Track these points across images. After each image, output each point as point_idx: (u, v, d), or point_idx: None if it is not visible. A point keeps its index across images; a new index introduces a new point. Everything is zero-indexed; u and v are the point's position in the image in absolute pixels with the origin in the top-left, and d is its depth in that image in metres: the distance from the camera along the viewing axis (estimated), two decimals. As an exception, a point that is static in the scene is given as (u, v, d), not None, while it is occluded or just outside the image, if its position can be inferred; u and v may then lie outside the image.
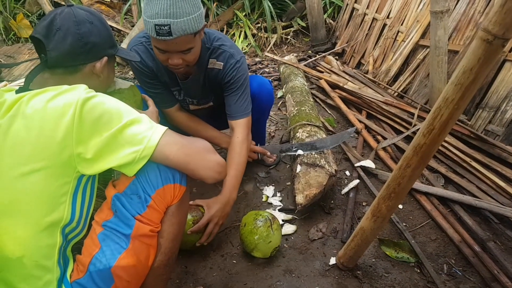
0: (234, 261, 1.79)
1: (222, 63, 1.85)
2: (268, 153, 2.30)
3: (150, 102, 1.61)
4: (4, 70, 2.82)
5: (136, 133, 1.04)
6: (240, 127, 1.92)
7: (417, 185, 2.15)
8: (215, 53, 1.84)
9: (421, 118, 2.75)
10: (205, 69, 1.87)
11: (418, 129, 1.89)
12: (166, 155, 1.08)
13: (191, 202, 1.72)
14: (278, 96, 3.59)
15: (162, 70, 1.86)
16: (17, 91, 1.05)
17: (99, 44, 1.21)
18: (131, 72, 4.08)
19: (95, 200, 1.17)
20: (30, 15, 4.89)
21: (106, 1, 5.15)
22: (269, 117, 3.20)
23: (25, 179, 0.99)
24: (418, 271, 1.71)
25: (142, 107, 1.62)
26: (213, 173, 1.16)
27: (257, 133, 2.38)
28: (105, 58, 1.24)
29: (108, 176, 1.29)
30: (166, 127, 1.10)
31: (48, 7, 4.77)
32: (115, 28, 4.88)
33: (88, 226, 1.18)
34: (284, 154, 2.32)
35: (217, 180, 1.18)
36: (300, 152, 2.21)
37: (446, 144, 2.50)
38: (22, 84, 1.13)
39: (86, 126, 1.00)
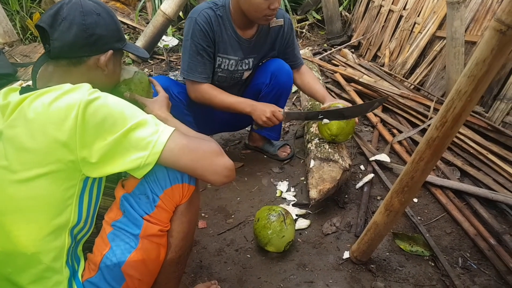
0: (248, 256, 1.80)
1: (282, 19, 2.11)
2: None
3: (159, 87, 1.53)
4: (20, 69, 2.86)
5: (142, 137, 1.02)
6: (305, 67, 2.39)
7: (432, 178, 2.13)
8: None
9: (437, 111, 2.69)
10: (268, 29, 2.12)
11: (433, 122, 1.87)
12: (172, 161, 1.07)
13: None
14: (293, 91, 3.57)
15: (231, 35, 2.03)
16: (21, 92, 1.03)
17: (105, 36, 1.17)
18: (146, 69, 4.13)
19: (101, 198, 1.17)
20: (47, 14, 4.97)
21: (121, -1, 5.20)
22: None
23: (30, 184, 0.98)
24: (433, 264, 1.70)
25: (152, 92, 1.55)
26: (221, 177, 1.13)
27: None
28: (110, 52, 1.20)
29: (118, 175, 1.30)
30: (172, 129, 1.08)
31: (64, 6, 4.83)
32: (130, 25, 4.92)
33: (96, 223, 1.19)
34: (309, 121, 2.27)
35: (225, 183, 1.15)
36: (326, 121, 2.08)
37: (462, 137, 2.46)
38: None
39: (89, 130, 0.98)
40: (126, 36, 1.35)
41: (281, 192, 2.22)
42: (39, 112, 0.97)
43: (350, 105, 2.14)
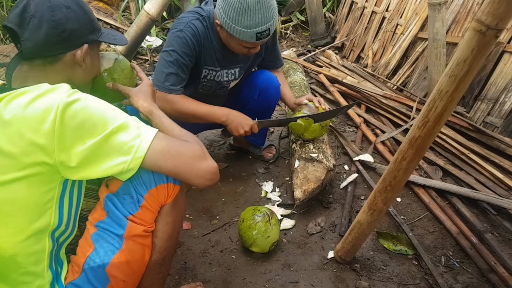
0: (233, 257, 1.79)
1: None
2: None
3: (142, 74, 1.45)
4: (0, 69, 2.79)
5: (123, 142, 0.99)
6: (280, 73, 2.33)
7: (415, 178, 2.15)
8: None
9: (419, 111, 2.73)
10: None
11: (415, 122, 1.90)
12: (154, 166, 1.05)
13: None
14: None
15: (216, 47, 1.91)
16: None
17: (77, 30, 1.10)
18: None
19: (83, 200, 1.15)
20: (28, 13, 4.88)
21: (104, -1, 5.14)
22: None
23: (7, 188, 0.94)
24: (416, 263, 1.72)
25: (135, 77, 1.47)
26: (205, 180, 1.11)
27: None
28: (86, 46, 1.14)
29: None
30: (155, 131, 1.05)
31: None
32: (113, 25, 4.87)
33: (79, 225, 1.16)
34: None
35: (209, 186, 1.14)
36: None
37: (444, 137, 2.50)
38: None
39: (68, 133, 0.94)
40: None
41: (266, 192, 2.22)
42: (15, 115, 0.93)
43: (317, 101, 2.19)
